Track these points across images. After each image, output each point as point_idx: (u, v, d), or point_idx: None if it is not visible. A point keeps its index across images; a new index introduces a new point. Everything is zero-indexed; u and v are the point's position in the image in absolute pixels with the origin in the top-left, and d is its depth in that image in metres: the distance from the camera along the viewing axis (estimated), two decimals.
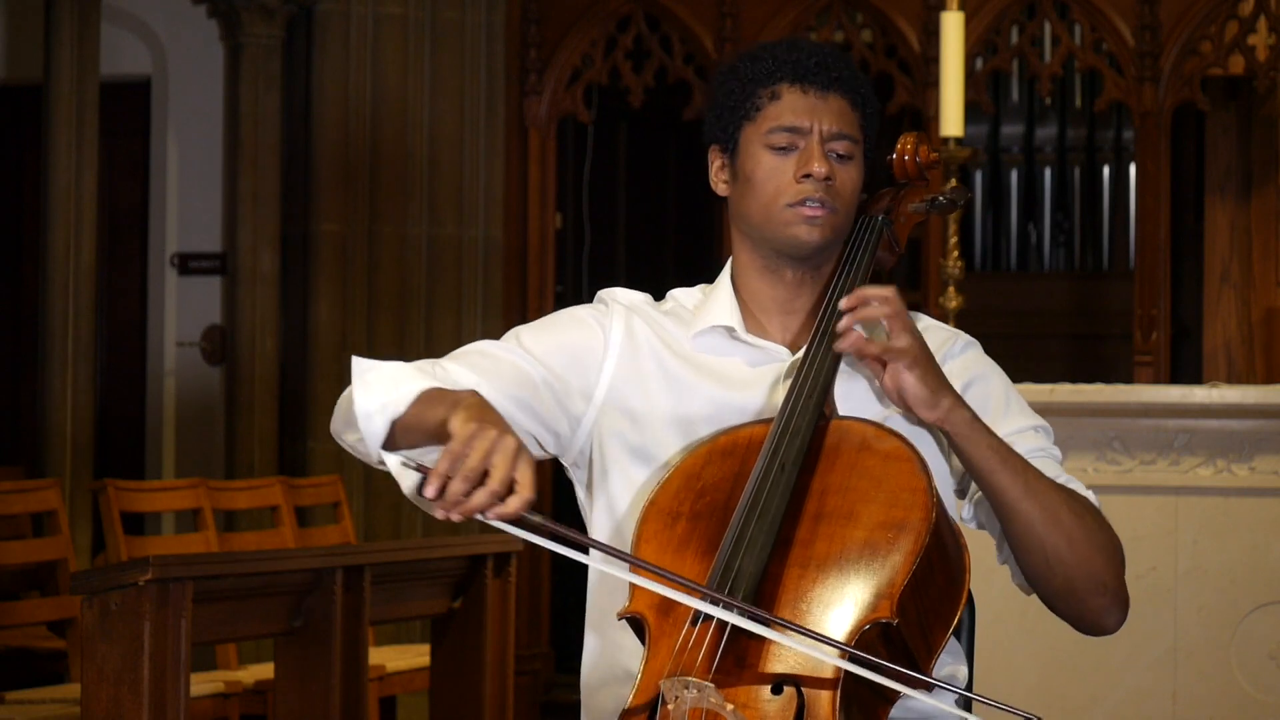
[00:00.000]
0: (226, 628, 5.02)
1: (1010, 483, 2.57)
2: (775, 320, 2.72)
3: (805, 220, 2.63)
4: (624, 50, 8.69)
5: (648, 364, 2.71)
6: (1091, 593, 2.60)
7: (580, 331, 2.72)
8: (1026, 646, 5.43)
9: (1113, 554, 2.62)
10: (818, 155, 2.63)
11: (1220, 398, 5.40)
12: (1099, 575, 2.60)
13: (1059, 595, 2.62)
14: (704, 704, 2.35)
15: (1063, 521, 2.58)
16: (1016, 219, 11.25)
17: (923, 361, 2.56)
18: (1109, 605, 2.63)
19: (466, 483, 2.30)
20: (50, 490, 6.31)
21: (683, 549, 2.52)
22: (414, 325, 8.47)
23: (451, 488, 2.30)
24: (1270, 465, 5.39)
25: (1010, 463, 2.57)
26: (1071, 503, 2.60)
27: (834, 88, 2.65)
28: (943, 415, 2.55)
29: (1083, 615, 2.64)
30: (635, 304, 2.76)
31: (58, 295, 7.82)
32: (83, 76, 7.85)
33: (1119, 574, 2.63)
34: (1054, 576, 2.59)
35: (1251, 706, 5.37)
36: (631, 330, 2.72)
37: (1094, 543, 2.60)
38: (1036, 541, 2.58)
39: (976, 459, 2.57)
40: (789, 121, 2.64)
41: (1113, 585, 2.62)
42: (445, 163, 8.53)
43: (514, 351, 2.68)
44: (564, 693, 8.02)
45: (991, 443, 2.57)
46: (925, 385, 2.55)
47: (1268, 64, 8.16)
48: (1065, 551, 2.58)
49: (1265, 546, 5.39)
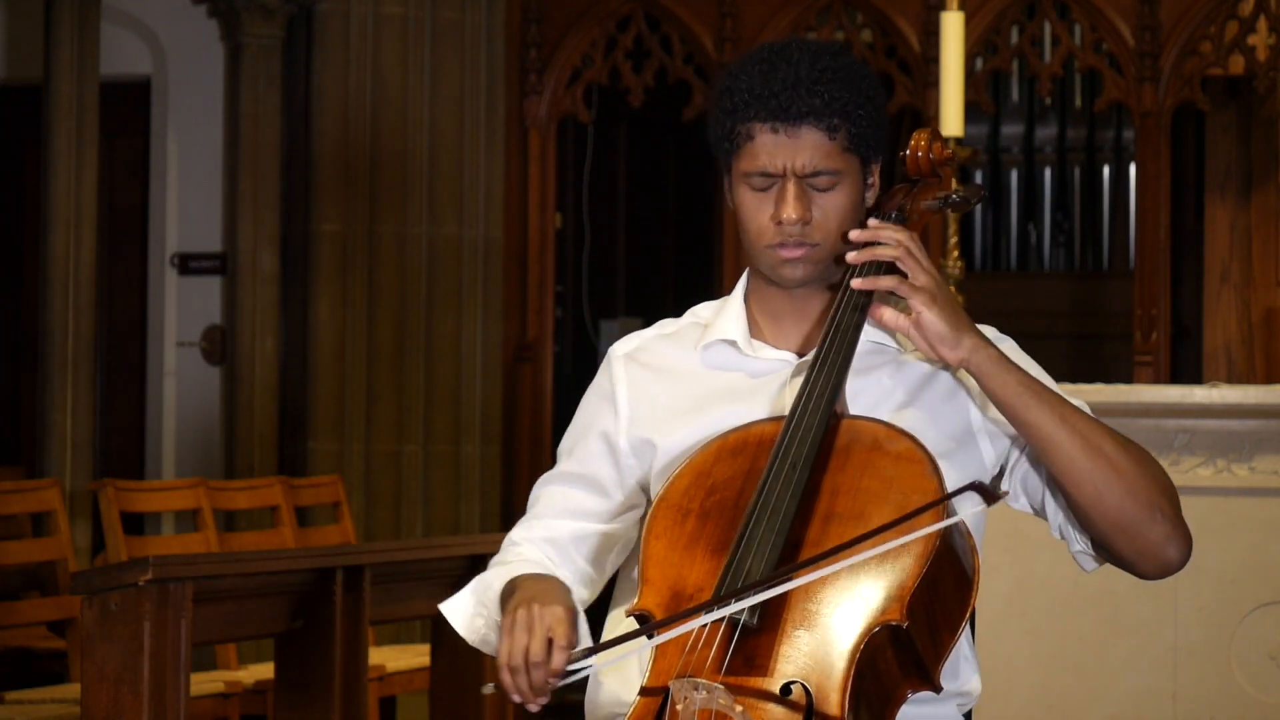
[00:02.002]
0: (226, 628, 5.02)
1: (1045, 416, 2.54)
2: (789, 326, 2.72)
3: (785, 262, 2.64)
4: (624, 50, 8.69)
5: (658, 399, 2.74)
6: (1148, 521, 2.55)
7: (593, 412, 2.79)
8: (1026, 646, 5.42)
9: (1164, 482, 2.57)
10: (790, 200, 2.61)
11: (1220, 398, 5.40)
12: (1153, 500, 2.55)
13: (1116, 530, 2.56)
14: (713, 705, 2.35)
15: (1105, 451, 2.54)
16: (1016, 219, 11.25)
17: (941, 299, 2.54)
18: (1169, 534, 2.57)
19: (520, 674, 2.46)
20: (50, 490, 6.31)
21: (692, 546, 2.52)
22: (414, 325, 8.47)
23: (517, 684, 2.46)
24: (1270, 465, 5.38)
25: (1044, 397, 2.54)
26: (1115, 434, 2.56)
27: (805, 120, 2.61)
28: (966, 354, 2.53)
29: (1144, 551, 2.58)
30: (637, 345, 2.80)
31: (58, 295, 7.81)
32: (83, 76, 7.85)
33: (1174, 501, 2.57)
34: (1107, 508, 2.54)
35: (1251, 706, 5.37)
36: (632, 380, 2.76)
37: (1142, 469, 2.55)
38: (1082, 473, 2.54)
39: (1007, 396, 2.54)
40: (762, 165, 2.62)
41: (1169, 512, 2.56)
42: (445, 163, 8.53)
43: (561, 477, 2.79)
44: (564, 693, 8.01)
45: (1022, 379, 2.54)
46: (945, 322, 2.53)
47: (1268, 64, 8.16)
48: (1114, 479, 2.54)
49: (1265, 546, 5.39)
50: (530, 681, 2.45)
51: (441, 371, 8.49)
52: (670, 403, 2.73)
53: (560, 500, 2.78)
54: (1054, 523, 2.65)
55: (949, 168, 2.81)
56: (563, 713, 8.23)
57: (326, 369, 8.36)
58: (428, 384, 8.47)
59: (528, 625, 2.47)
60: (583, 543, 2.76)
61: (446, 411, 8.48)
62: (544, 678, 2.45)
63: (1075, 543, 2.64)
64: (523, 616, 2.48)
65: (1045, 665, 5.43)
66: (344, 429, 8.36)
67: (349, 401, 8.37)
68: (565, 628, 2.46)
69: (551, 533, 2.76)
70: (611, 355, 2.82)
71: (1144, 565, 2.61)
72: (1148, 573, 2.63)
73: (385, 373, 8.42)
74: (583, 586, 2.74)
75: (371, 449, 8.41)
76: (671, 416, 2.72)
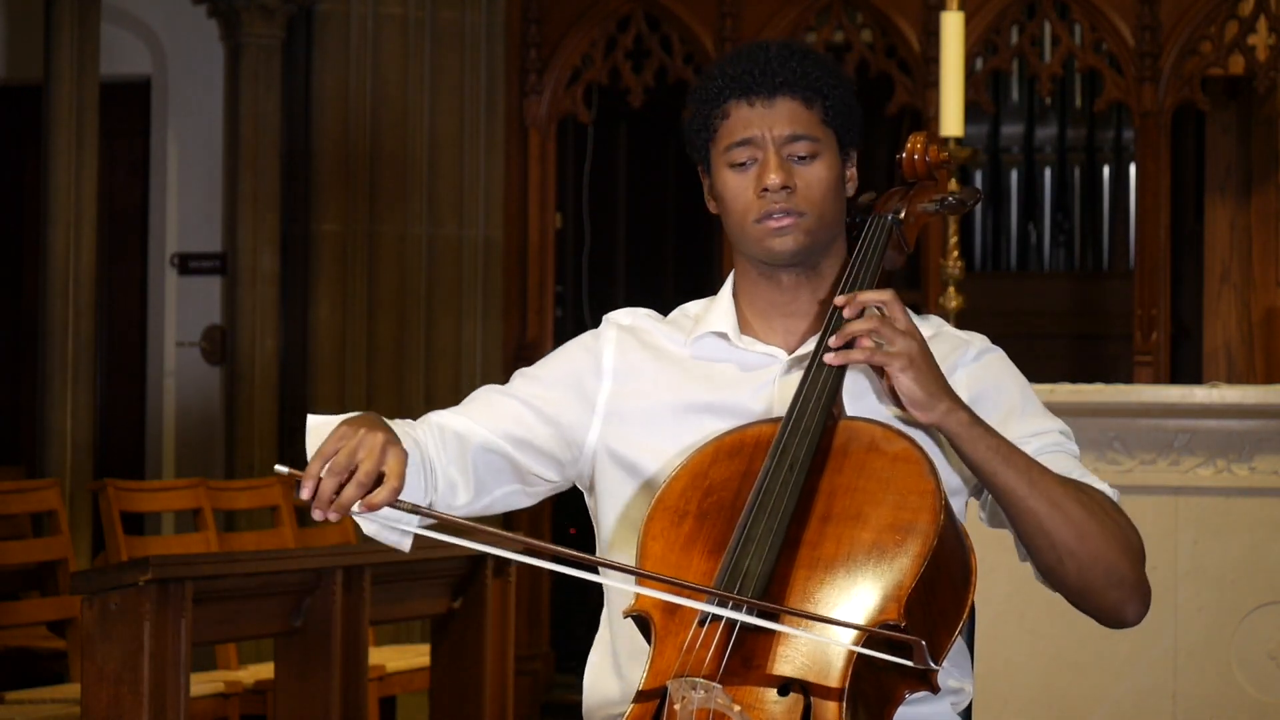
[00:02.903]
0: (226, 628, 5.02)
1: (1014, 481, 2.55)
2: (776, 323, 2.73)
3: (773, 233, 2.65)
4: (624, 50, 8.69)
5: (644, 379, 2.74)
6: (1108, 586, 2.58)
7: (573, 363, 2.78)
8: (1026, 646, 5.42)
9: (1127, 547, 2.59)
10: (772, 166, 2.63)
11: (1220, 398, 5.40)
12: (1114, 568, 2.58)
13: (1075, 591, 2.60)
14: (711, 704, 2.35)
15: (1071, 516, 2.56)
16: (1016, 219, 11.25)
17: (919, 363, 2.55)
18: (1126, 598, 2.60)
19: (335, 478, 2.39)
20: (50, 490, 6.31)
21: (689, 547, 2.52)
22: (414, 325, 8.47)
23: (323, 486, 2.38)
24: (1270, 465, 5.39)
25: (1013, 461, 2.56)
26: (1081, 497, 2.58)
27: (780, 91, 2.64)
28: (939, 417, 2.54)
29: (1101, 609, 2.62)
30: (633, 322, 2.80)
31: (58, 295, 7.82)
32: (83, 76, 7.85)
33: (1136, 566, 2.60)
34: (1067, 572, 2.57)
35: (1251, 706, 5.37)
36: (624, 349, 2.77)
37: (1107, 536, 2.57)
38: (1046, 538, 2.56)
39: (977, 460, 2.56)
40: (739, 136, 2.65)
41: (1130, 578, 2.59)
42: (445, 163, 8.53)
43: (510, 392, 2.74)
44: (564, 693, 8.02)
45: (991, 443, 2.56)
46: (920, 387, 2.54)
47: (1268, 64, 8.16)
48: (1076, 546, 2.56)
49: (1265, 546, 5.39)
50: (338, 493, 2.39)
51: (441, 371, 8.49)
52: (656, 382, 2.73)
53: (498, 414, 2.71)
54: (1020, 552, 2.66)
55: (945, 170, 2.82)
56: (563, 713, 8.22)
57: (326, 369, 8.36)
58: (428, 384, 8.48)
59: (370, 447, 2.41)
60: (489, 457, 2.69)
61: None
62: (354, 498, 2.38)
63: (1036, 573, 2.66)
64: (368, 438, 2.42)
65: (1045, 665, 5.43)
66: None
67: (349, 402, 8.37)
68: (402, 469, 2.40)
69: (467, 431, 2.68)
70: (607, 322, 2.82)
71: (1099, 619, 2.65)
72: (1104, 624, 2.67)
73: (385, 373, 8.43)
74: (457, 493, 2.66)
75: None
76: (656, 395, 2.72)
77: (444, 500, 2.65)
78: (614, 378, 2.75)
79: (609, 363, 2.76)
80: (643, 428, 2.71)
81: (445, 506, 2.64)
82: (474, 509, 2.69)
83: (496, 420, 2.71)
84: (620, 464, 2.72)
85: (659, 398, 2.72)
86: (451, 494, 2.66)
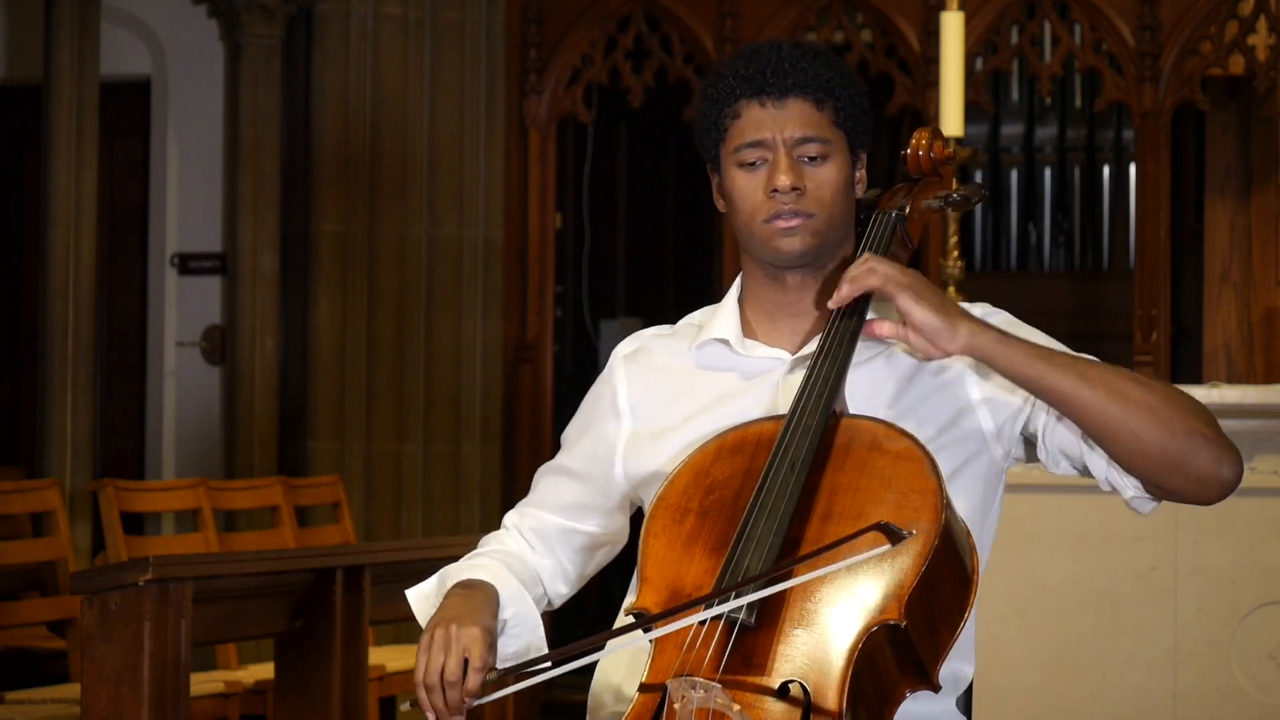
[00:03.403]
0: (226, 628, 5.02)
1: (1063, 378, 2.52)
2: (782, 325, 2.73)
3: (781, 234, 2.65)
4: (624, 50, 8.69)
5: (656, 406, 2.77)
6: (1193, 450, 2.51)
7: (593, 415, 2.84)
8: (1026, 646, 5.42)
9: (1196, 407, 2.53)
10: (783, 167, 2.63)
11: (1220, 398, 5.39)
12: (1191, 429, 2.51)
13: (1164, 468, 2.53)
14: (710, 704, 2.35)
15: (1131, 394, 2.51)
16: (1016, 219, 11.25)
17: (924, 292, 2.53)
18: (1217, 456, 2.52)
19: (435, 692, 2.54)
20: (50, 490, 6.31)
21: (691, 545, 2.52)
22: (414, 325, 8.47)
23: (435, 705, 2.54)
24: (1270, 465, 5.39)
25: (1055, 359, 2.53)
26: (1137, 376, 2.54)
27: (792, 93, 2.65)
28: (965, 339, 2.52)
29: (1198, 478, 2.53)
30: (637, 346, 2.83)
31: (58, 295, 7.81)
32: (83, 76, 7.85)
33: (1211, 423, 2.53)
34: (1149, 450, 2.51)
35: (1251, 706, 5.37)
36: (634, 382, 2.80)
37: (1172, 402, 2.52)
38: (1116, 422, 2.51)
39: (1020, 370, 2.52)
40: (750, 137, 2.65)
41: (1211, 434, 2.52)
42: (445, 163, 8.53)
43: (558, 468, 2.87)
44: (564, 693, 8.02)
45: (1028, 349, 2.53)
46: (936, 314, 2.51)
47: (1268, 64, 8.16)
48: (1148, 420, 2.51)
49: (1265, 546, 5.39)
50: (445, 700, 2.52)
51: (441, 371, 8.49)
52: (667, 403, 2.75)
53: (552, 493, 2.85)
54: (1100, 477, 2.61)
55: (950, 167, 2.82)
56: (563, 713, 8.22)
57: (326, 369, 8.36)
58: (428, 384, 8.47)
59: (444, 644, 2.55)
60: (568, 538, 2.84)
61: (446, 411, 8.48)
62: (459, 697, 2.52)
63: (1127, 489, 2.61)
64: (440, 636, 2.56)
65: (1045, 665, 5.44)
66: (344, 429, 8.36)
67: (349, 401, 8.37)
68: (480, 648, 2.53)
69: (540, 524, 2.84)
70: (614, 357, 2.85)
71: (1201, 492, 2.57)
72: (1207, 498, 2.58)
73: (385, 373, 8.42)
74: (561, 582, 2.83)
75: (371, 449, 8.41)
76: (667, 417, 2.75)
77: (553, 590, 2.83)
78: (632, 415, 2.79)
79: (624, 401, 2.80)
80: (661, 454, 2.73)
81: (555, 595, 2.84)
82: (581, 583, 2.88)
83: (554, 500, 2.84)
84: (645, 485, 2.75)
85: (673, 422, 2.74)
86: (556, 582, 2.84)
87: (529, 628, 2.70)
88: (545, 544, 2.83)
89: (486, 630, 2.57)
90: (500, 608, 2.67)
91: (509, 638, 2.67)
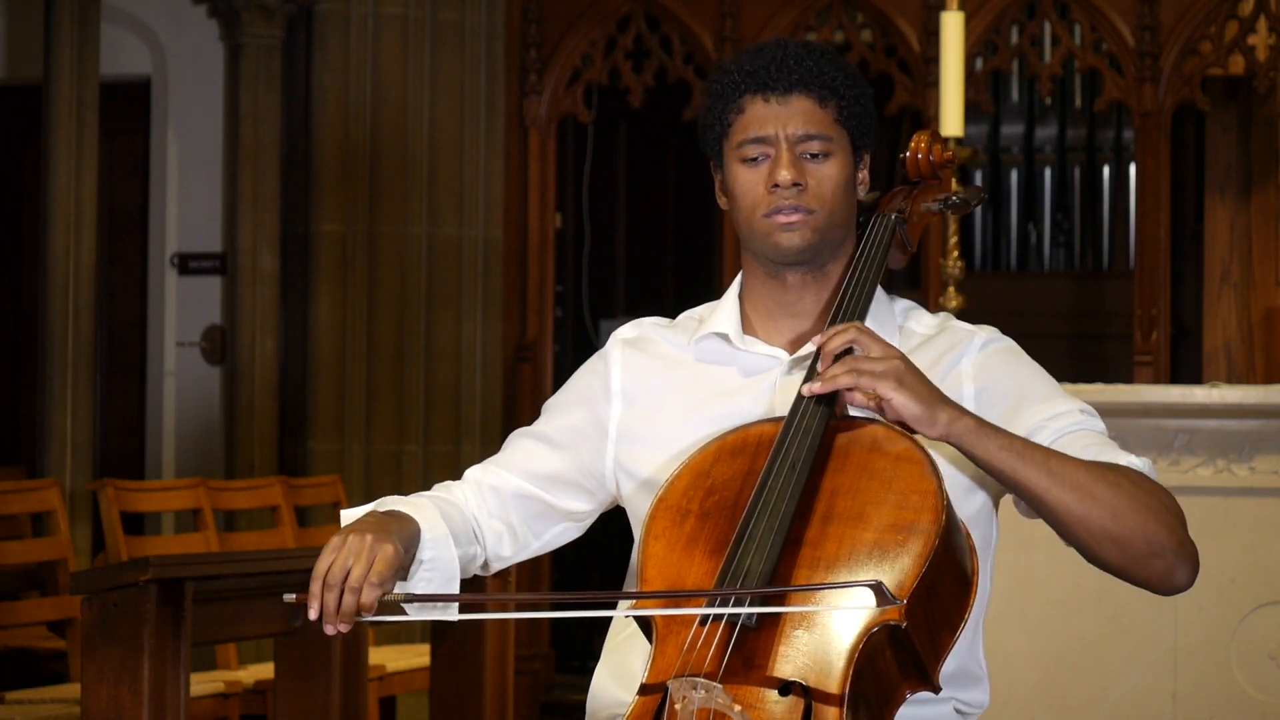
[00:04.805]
0: (226, 628, 5.01)
1: (1034, 476, 2.53)
2: (781, 324, 2.73)
3: (781, 229, 2.65)
4: (624, 50, 8.69)
5: (653, 394, 2.76)
6: (1150, 557, 2.54)
7: (584, 390, 2.82)
8: (1026, 646, 5.43)
9: (1162, 514, 2.56)
10: (784, 163, 2.64)
11: (1220, 398, 5.40)
12: (1153, 540, 2.54)
13: (1119, 568, 2.56)
14: (711, 704, 2.35)
15: (1099, 498, 2.53)
16: (1016, 219, 11.25)
17: (907, 380, 2.51)
18: (1171, 565, 2.55)
19: (333, 593, 2.49)
20: (50, 490, 6.31)
21: (691, 546, 2.52)
22: (414, 325, 8.47)
23: (325, 603, 2.50)
24: (1270, 465, 5.39)
25: (1028, 456, 2.53)
26: (1108, 476, 2.55)
27: (796, 89, 2.65)
28: (943, 428, 2.51)
29: (1149, 580, 2.57)
30: (637, 334, 2.83)
31: (58, 295, 7.81)
32: (83, 76, 7.85)
33: (1175, 533, 2.56)
34: (1107, 553, 2.54)
35: (1251, 706, 5.38)
36: (630, 367, 2.79)
37: (1140, 510, 2.54)
38: (1079, 525, 2.53)
39: (991, 462, 2.53)
40: (754, 133, 2.66)
41: (1171, 545, 2.55)
42: (445, 163, 8.53)
43: (533, 433, 2.84)
44: (564, 693, 8.02)
45: (1002, 443, 2.53)
46: (916, 401, 2.50)
47: (1268, 64, 8.16)
48: (1110, 526, 2.53)
49: (1265, 546, 5.39)
50: (339, 603, 2.49)
51: (441, 371, 8.49)
52: (663, 394, 2.76)
53: (524, 456, 2.82)
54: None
55: (949, 169, 2.82)
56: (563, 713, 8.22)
57: (326, 369, 8.36)
58: (427, 384, 8.47)
59: (357, 551, 2.50)
60: (526, 503, 2.80)
61: (446, 411, 8.48)
62: (355, 605, 2.49)
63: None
64: (354, 541, 2.52)
65: (1045, 665, 5.44)
66: (344, 429, 8.36)
67: (349, 401, 8.37)
68: (388, 568, 2.50)
69: (501, 482, 2.80)
70: (612, 340, 2.85)
71: (1152, 589, 2.61)
72: (1158, 593, 2.63)
73: (385, 373, 8.42)
74: (507, 545, 2.79)
75: (371, 449, 8.41)
76: (662, 407, 2.75)
77: (493, 550, 2.77)
78: (623, 399, 2.78)
79: (617, 384, 2.79)
80: (654, 445, 2.73)
81: (495, 557, 2.78)
82: (527, 553, 2.83)
83: (523, 464, 2.80)
84: (638, 481, 2.74)
85: (667, 413, 2.74)
86: (499, 544, 2.78)
87: (446, 576, 2.66)
88: (500, 503, 2.79)
89: (398, 552, 2.54)
90: (420, 547, 2.63)
91: (421, 580, 2.64)
